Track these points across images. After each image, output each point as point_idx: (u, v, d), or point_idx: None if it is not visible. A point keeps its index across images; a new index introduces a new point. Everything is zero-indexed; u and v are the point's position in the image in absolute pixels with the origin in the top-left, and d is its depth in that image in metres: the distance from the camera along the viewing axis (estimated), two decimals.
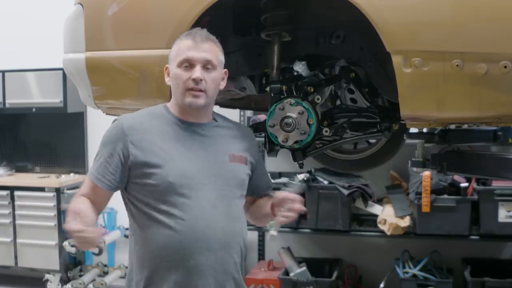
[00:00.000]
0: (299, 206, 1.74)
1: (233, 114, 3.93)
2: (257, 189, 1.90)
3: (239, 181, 1.78)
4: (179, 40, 1.72)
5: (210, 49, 1.69)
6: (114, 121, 1.75)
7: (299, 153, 2.00)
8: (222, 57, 1.74)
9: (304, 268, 3.72)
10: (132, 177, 1.69)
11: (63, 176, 4.62)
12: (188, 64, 1.67)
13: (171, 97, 1.88)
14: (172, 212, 1.64)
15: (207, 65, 1.68)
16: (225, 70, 1.78)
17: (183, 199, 1.65)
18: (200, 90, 1.67)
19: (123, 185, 1.72)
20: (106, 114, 2.23)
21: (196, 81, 1.65)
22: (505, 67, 1.54)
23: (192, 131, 1.74)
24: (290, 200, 1.73)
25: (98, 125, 4.61)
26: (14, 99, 4.51)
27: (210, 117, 1.81)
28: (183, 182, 1.65)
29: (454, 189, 3.58)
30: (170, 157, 1.67)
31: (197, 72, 1.65)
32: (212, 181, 1.70)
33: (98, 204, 1.73)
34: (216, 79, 1.71)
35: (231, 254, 1.71)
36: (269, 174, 2.02)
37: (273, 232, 1.82)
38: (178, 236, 1.63)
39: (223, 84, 1.78)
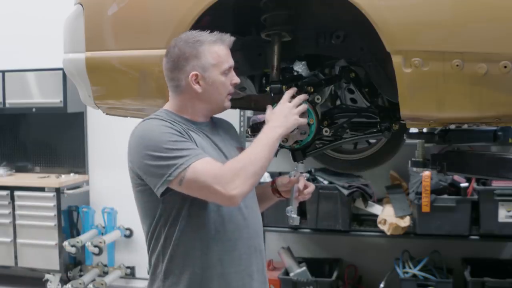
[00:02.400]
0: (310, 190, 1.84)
1: (233, 114, 3.94)
2: None
3: None
4: (213, 46, 1.69)
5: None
6: (151, 120, 1.67)
7: (299, 153, 2.00)
8: None
9: (304, 268, 3.72)
10: None
11: (63, 176, 4.63)
12: (228, 71, 1.73)
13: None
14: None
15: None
16: None
17: None
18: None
19: None
20: (106, 114, 2.23)
21: (236, 85, 1.75)
22: (505, 67, 1.54)
23: (205, 130, 1.77)
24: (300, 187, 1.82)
25: (98, 125, 4.66)
26: (14, 99, 4.52)
27: None
28: None
29: (454, 189, 3.58)
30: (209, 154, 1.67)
31: (237, 77, 1.75)
32: None
33: None
34: None
35: (261, 242, 1.82)
36: None
37: (294, 215, 1.82)
38: (224, 222, 1.68)
39: None
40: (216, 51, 1.70)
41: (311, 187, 1.87)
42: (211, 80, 1.70)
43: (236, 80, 1.74)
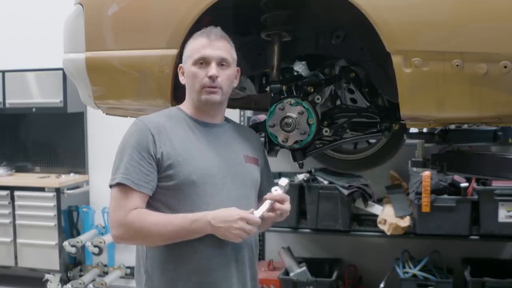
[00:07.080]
0: (282, 206, 1.71)
1: (233, 114, 3.94)
2: (263, 193, 1.89)
3: (254, 182, 1.80)
4: (193, 39, 1.73)
5: (224, 47, 1.71)
6: (134, 123, 1.70)
7: (299, 153, 2.00)
8: (235, 55, 1.77)
9: (304, 268, 3.72)
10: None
11: (63, 176, 4.62)
12: (204, 62, 1.69)
13: (171, 98, 1.88)
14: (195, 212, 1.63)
15: (222, 62, 1.70)
16: (238, 68, 1.80)
17: (206, 198, 1.64)
18: (216, 87, 1.69)
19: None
20: (106, 114, 2.23)
21: (213, 78, 1.68)
22: (505, 67, 1.54)
23: (209, 131, 1.75)
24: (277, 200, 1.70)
25: (98, 125, 4.65)
26: (14, 99, 4.51)
27: (223, 117, 1.83)
28: (206, 180, 1.65)
29: (454, 189, 3.57)
30: (192, 156, 1.67)
31: (213, 69, 1.68)
32: (231, 180, 1.71)
33: None
34: (230, 76, 1.73)
35: (249, 252, 1.74)
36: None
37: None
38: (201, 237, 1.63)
39: (236, 82, 1.79)
40: (193, 43, 1.72)
41: (286, 205, 1.71)
42: (186, 71, 1.74)
43: (211, 72, 1.66)
